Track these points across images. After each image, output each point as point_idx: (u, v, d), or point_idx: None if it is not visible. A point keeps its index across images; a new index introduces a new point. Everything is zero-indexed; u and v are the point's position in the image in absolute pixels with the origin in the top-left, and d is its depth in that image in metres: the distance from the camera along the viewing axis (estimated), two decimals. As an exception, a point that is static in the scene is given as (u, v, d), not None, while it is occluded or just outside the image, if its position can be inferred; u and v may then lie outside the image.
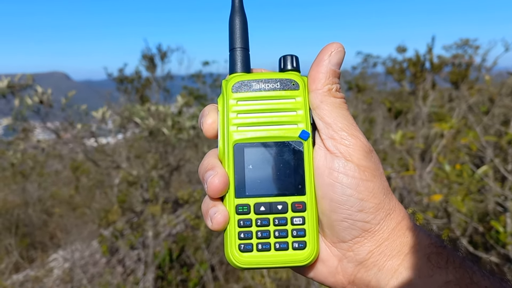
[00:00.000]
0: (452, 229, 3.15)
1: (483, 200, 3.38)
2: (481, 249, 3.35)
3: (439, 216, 3.43)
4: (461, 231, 3.29)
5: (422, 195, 3.43)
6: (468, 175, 2.92)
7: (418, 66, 6.34)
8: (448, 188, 3.07)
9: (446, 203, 3.09)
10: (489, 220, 3.28)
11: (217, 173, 0.65)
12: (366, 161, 0.62)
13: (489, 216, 3.40)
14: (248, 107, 0.67)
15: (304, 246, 0.65)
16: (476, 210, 3.22)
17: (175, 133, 5.06)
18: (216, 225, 0.64)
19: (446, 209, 3.14)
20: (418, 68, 6.34)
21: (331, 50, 0.66)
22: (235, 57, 0.70)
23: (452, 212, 3.16)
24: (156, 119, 5.11)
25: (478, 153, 3.58)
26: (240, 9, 0.72)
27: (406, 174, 3.82)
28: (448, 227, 3.19)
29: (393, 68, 7.15)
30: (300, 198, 0.65)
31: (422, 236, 0.62)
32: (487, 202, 3.34)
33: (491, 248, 3.37)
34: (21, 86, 4.78)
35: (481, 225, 3.19)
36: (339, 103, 0.65)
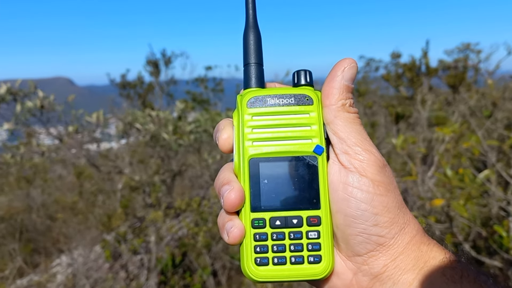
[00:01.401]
0: (455, 233, 3.14)
1: (486, 204, 3.36)
2: (484, 253, 3.34)
3: (442, 220, 3.42)
4: (464, 236, 3.28)
5: (424, 199, 3.42)
6: (470, 179, 2.91)
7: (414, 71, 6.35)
8: (450, 193, 3.06)
9: (448, 208, 3.08)
10: (492, 224, 3.26)
11: (233, 187, 0.65)
12: (380, 175, 0.63)
13: (492, 220, 3.38)
14: (263, 122, 0.68)
15: (319, 260, 0.65)
16: (479, 214, 3.21)
17: (175, 139, 5.07)
18: (232, 239, 0.65)
19: (448, 213, 3.13)
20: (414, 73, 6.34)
21: (344, 66, 0.66)
22: (249, 72, 0.71)
23: (454, 217, 3.15)
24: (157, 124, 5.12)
25: (481, 158, 3.57)
26: (254, 25, 0.73)
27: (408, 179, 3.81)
28: (450, 231, 3.18)
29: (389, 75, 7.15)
30: (315, 212, 0.66)
31: (436, 250, 0.62)
32: (490, 207, 3.33)
33: (494, 253, 3.36)
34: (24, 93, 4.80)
35: (484, 230, 3.18)
36: (353, 118, 0.66)
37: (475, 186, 2.93)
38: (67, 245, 6.15)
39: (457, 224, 3.25)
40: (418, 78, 6.20)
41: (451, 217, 3.15)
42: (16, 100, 4.78)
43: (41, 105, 4.75)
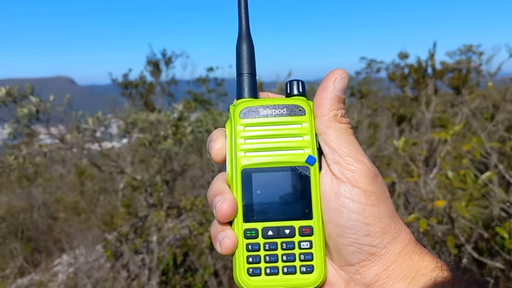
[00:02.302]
0: (456, 235, 3.14)
1: (488, 206, 3.37)
2: (486, 255, 3.34)
3: (444, 222, 3.43)
4: (466, 237, 3.28)
5: (426, 201, 3.43)
6: (471, 180, 2.92)
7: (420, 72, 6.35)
8: (452, 194, 3.07)
9: (450, 209, 3.08)
10: (494, 226, 3.27)
11: (225, 198, 0.66)
12: (372, 186, 0.64)
13: (494, 222, 3.39)
14: (256, 132, 0.68)
15: (311, 270, 0.65)
16: (480, 216, 3.22)
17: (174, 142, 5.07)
18: (225, 250, 0.66)
19: (450, 215, 3.14)
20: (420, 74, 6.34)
21: (335, 77, 0.67)
22: (242, 82, 0.72)
23: (456, 218, 3.16)
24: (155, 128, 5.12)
25: (482, 159, 3.58)
26: (247, 35, 0.73)
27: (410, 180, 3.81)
28: (452, 233, 3.19)
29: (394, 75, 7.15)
30: (307, 222, 0.66)
31: (428, 259, 0.63)
32: (492, 208, 3.33)
33: (496, 254, 3.36)
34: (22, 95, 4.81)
35: (486, 231, 3.18)
36: (345, 129, 0.66)
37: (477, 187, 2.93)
38: (68, 244, 6.15)
39: (459, 225, 3.26)
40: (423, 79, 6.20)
41: (453, 218, 3.16)
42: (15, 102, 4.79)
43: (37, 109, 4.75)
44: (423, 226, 2.84)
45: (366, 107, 8.48)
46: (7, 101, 4.76)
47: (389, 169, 6.08)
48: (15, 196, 7.99)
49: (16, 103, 4.82)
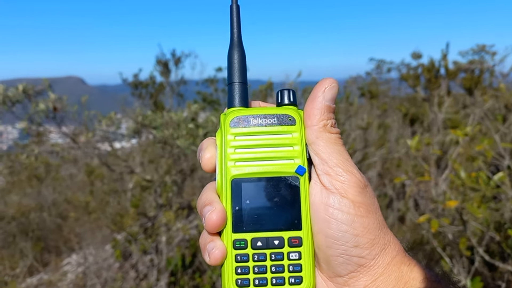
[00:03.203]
0: (468, 237, 3.11)
1: (500, 208, 3.33)
2: (498, 258, 3.30)
3: (455, 223, 3.39)
4: (477, 240, 3.25)
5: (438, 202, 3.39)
6: (484, 182, 2.88)
7: (433, 72, 6.30)
8: (464, 195, 3.03)
9: (462, 210, 3.05)
10: (506, 229, 3.23)
11: (214, 208, 0.66)
12: (361, 197, 0.63)
13: (506, 224, 3.35)
14: (246, 142, 0.68)
15: (300, 281, 0.65)
16: (492, 218, 3.18)
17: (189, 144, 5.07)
18: (213, 261, 0.65)
19: (461, 216, 3.10)
20: (432, 74, 6.29)
21: (324, 87, 0.67)
22: (233, 91, 0.72)
23: (468, 220, 3.12)
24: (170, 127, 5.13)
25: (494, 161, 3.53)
26: (238, 43, 0.73)
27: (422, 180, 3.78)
28: (463, 235, 3.16)
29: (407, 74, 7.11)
30: (296, 233, 0.66)
31: (417, 270, 0.63)
32: (504, 211, 3.29)
33: (508, 258, 3.32)
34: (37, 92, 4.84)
35: (498, 234, 3.14)
36: (334, 139, 0.66)
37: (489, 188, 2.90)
38: (78, 244, 6.18)
39: (470, 227, 3.22)
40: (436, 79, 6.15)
41: (465, 220, 3.12)
42: (29, 99, 4.82)
43: (54, 106, 4.79)
44: (435, 227, 2.81)
45: (376, 108, 8.43)
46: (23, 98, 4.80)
47: (399, 171, 6.04)
48: (25, 196, 8.05)
49: (31, 101, 4.86)
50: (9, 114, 4.90)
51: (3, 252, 6.43)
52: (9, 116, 5.00)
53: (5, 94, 4.65)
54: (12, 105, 4.80)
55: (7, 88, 4.75)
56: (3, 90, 4.66)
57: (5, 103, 4.71)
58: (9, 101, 4.70)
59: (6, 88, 4.73)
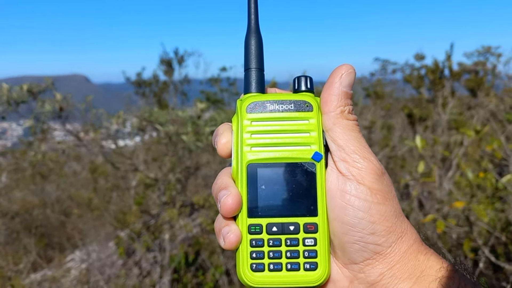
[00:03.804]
0: (474, 238, 3.10)
1: (506, 209, 3.32)
2: (504, 259, 3.29)
3: (461, 224, 3.38)
4: (483, 241, 3.24)
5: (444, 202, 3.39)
6: (491, 183, 2.87)
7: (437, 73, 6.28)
8: (470, 196, 3.03)
9: (469, 211, 3.04)
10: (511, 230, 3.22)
11: (230, 193, 0.66)
12: (378, 184, 0.63)
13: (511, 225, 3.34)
14: (262, 127, 0.68)
15: (315, 267, 0.65)
16: (498, 219, 3.17)
17: (194, 140, 5.08)
18: (228, 245, 0.65)
19: (468, 217, 3.10)
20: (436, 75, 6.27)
21: (341, 72, 0.66)
22: (250, 77, 0.72)
23: (474, 221, 3.12)
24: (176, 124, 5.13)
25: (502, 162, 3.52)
26: (256, 30, 0.73)
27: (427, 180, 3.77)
28: (469, 236, 3.15)
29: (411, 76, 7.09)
30: (312, 219, 0.66)
31: (433, 259, 0.63)
32: (511, 212, 3.28)
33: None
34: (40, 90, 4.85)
35: (504, 235, 3.13)
36: (352, 125, 0.66)
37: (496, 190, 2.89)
38: (81, 241, 6.20)
39: (476, 228, 3.21)
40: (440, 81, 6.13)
41: (471, 221, 3.11)
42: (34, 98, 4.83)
43: (60, 107, 4.79)
44: (440, 228, 2.80)
45: (380, 108, 8.42)
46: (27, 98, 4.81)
47: (403, 171, 6.03)
48: (29, 192, 8.08)
49: (35, 99, 4.87)
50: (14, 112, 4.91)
51: (7, 248, 6.45)
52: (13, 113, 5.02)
53: (9, 94, 4.65)
54: (17, 106, 4.82)
55: (12, 88, 4.76)
56: (7, 90, 4.67)
57: (10, 104, 4.72)
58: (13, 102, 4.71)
59: (11, 88, 4.74)
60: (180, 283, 4.93)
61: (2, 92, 4.42)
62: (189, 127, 5.08)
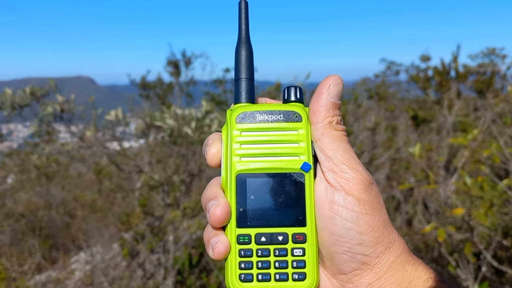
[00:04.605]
0: (475, 243, 3.08)
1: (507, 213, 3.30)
2: (506, 264, 3.27)
3: (462, 229, 3.37)
4: (485, 245, 3.22)
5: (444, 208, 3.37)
6: (489, 187, 2.86)
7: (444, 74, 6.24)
8: (470, 202, 3.01)
9: (469, 217, 3.03)
10: (514, 233, 3.20)
11: (219, 203, 0.66)
12: (366, 194, 0.63)
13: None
14: (251, 138, 0.68)
15: (304, 277, 0.65)
16: (500, 223, 3.15)
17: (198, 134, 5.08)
18: (217, 255, 0.65)
19: (468, 222, 3.08)
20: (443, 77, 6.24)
21: (329, 83, 0.67)
22: (240, 87, 0.72)
23: (475, 226, 3.10)
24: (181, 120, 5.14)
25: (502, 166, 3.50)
26: (246, 40, 0.73)
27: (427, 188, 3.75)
28: (471, 241, 3.13)
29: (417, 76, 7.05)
30: (300, 229, 0.66)
31: (421, 269, 0.63)
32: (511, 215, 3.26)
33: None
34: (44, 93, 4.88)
35: (506, 239, 3.12)
36: (340, 136, 0.66)
37: (496, 194, 2.88)
38: (85, 242, 6.22)
39: (477, 232, 3.20)
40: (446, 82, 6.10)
41: (472, 226, 3.10)
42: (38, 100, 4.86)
43: (61, 109, 4.82)
44: (442, 236, 2.79)
45: (384, 110, 8.40)
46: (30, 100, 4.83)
47: (408, 173, 6.01)
48: (34, 194, 8.12)
49: (39, 102, 4.90)
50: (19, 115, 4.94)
51: (12, 249, 6.49)
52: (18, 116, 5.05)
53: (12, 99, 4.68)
54: (21, 109, 4.84)
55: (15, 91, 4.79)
56: (10, 95, 4.70)
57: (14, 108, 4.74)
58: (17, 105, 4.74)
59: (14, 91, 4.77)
60: (183, 285, 4.94)
61: (5, 97, 4.44)
62: (192, 124, 5.09)
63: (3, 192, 8.42)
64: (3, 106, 4.55)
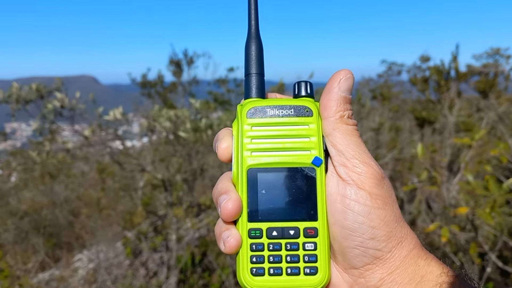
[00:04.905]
0: (480, 243, 3.07)
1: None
2: (511, 264, 3.27)
3: (467, 229, 3.36)
4: (490, 245, 3.21)
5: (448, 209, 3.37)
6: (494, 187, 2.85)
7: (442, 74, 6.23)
8: (475, 201, 3.01)
9: (473, 216, 3.02)
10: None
11: (230, 197, 0.66)
12: (378, 188, 0.63)
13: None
14: (262, 132, 0.68)
15: (315, 271, 0.65)
16: (506, 223, 3.14)
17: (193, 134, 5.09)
18: (228, 249, 0.66)
19: (473, 222, 3.07)
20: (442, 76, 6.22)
21: (340, 78, 0.67)
22: (250, 82, 0.72)
23: (479, 225, 3.09)
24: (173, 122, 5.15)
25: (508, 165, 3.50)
26: (256, 35, 0.74)
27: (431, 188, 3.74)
28: (475, 241, 3.12)
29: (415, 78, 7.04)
30: (312, 224, 0.66)
31: (434, 264, 0.62)
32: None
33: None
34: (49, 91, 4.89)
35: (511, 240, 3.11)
36: (351, 130, 0.66)
37: (501, 193, 2.86)
38: (89, 241, 6.23)
39: (482, 233, 3.19)
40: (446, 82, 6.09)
41: (476, 226, 3.09)
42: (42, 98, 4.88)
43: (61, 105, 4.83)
44: (445, 235, 2.78)
45: (388, 110, 8.39)
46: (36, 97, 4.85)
47: (411, 173, 6.00)
48: (38, 192, 8.13)
49: (43, 99, 4.91)
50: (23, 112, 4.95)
51: (16, 247, 6.50)
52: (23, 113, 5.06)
53: (18, 93, 4.70)
54: (26, 104, 4.86)
55: (21, 87, 4.81)
56: (17, 89, 4.72)
57: (19, 102, 4.76)
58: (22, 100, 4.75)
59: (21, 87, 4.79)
60: (186, 284, 4.95)
61: (12, 91, 4.47)
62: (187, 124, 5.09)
63: (7, 191, 8.45)
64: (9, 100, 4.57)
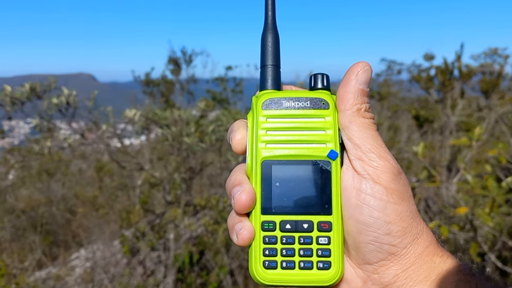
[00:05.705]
0: (479, 243, 3.07)
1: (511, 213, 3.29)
2: (510, 265, 3.26)
3: (466, 229, 3.35)
4: (489, 246, 3.21)
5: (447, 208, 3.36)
6: (494, 187, 2.84)
7: (447, 74, 6.22)
8: (474, 201, 3.00)
9: (472, 216, 3.01)
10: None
11: (244, 189, 0.65)
12: (395, 183, 0.62)
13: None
14: (278, 124, 0.67)
15: (329, 266, 0.64)
16: (505, 223, 3.14)
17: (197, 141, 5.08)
18: (241, 241, 0.65)
19: (472, 222, 3.07)
20: (446, 76, 6.21)
21: (357, 70, 0.65)
22: (266, 74, 0.71)
23: (479, 225, 3.09)
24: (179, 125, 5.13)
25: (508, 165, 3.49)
26: (272, 26, 0.73)
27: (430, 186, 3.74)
28: (475, 241, 3.12)
29: (419, 76, 7.03)
30: (326, 217, 0.65)
31: (450, 262, 0.61)
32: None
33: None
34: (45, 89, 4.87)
35: (511, 240, 3.10)
36: (368, 124, 0.65)
37: (500, 193, 2.86)
38: (86, 239, 6.22)
39: (481, 233, 3.18)
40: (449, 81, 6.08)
41: (475, 226, 3.08)
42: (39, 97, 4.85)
43: (67, 101, 4.82)
44: (444, 234, 2.78)
45: (386, 109, 8.39)
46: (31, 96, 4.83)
47: (409, 173, 6.00)
48: (35, 190, 8.12)
49: (40, 98, 4.89)
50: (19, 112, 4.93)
51: (13, 245, 6.49)
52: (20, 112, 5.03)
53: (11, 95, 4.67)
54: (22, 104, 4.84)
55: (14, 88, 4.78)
56: (10, 92, 4.69)
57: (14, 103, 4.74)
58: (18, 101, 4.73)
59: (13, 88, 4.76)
60: (184, 283, 4.94)
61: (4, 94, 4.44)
62: (192, 127, 5.08)
63: (4, 188, 8.42)
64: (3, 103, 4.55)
